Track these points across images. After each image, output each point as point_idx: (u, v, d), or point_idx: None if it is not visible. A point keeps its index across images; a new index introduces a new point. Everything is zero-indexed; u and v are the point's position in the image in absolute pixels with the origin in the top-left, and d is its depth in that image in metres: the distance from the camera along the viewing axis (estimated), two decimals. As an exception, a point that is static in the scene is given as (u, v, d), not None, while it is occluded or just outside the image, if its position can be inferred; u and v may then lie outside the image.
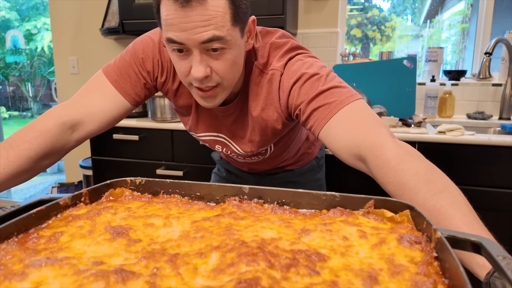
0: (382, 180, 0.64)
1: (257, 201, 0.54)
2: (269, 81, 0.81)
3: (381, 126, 0.70)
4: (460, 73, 2.02)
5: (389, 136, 0.67)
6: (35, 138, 0.74)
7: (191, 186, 0.57)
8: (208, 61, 0.71)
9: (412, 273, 0.35)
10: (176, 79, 0.86)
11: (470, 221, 0.51)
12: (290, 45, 0.82)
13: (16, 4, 5.05)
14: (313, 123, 0.75)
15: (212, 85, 0.74)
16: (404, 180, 0.59)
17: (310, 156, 1.12)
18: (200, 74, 0.70)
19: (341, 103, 0.72)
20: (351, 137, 0.69)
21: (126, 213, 0.51)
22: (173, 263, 0.38)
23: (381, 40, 4.50)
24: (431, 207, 0.54)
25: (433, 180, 0.58)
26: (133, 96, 0.84)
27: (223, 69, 0.72)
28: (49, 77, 4.92)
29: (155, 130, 1.88)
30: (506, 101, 1.89)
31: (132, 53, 0.83)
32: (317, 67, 0.78)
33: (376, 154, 0.65)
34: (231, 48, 0.71)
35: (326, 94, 0.74)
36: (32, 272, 0.35)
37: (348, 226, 0.45)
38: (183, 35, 0.67)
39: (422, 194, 0.57)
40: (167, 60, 0.84)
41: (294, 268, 0.36)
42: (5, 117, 4.94)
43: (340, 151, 0.72)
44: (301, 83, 0.77)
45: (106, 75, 0.82)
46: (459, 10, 3.38)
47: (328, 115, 0.73)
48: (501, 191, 1.42)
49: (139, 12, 2.06)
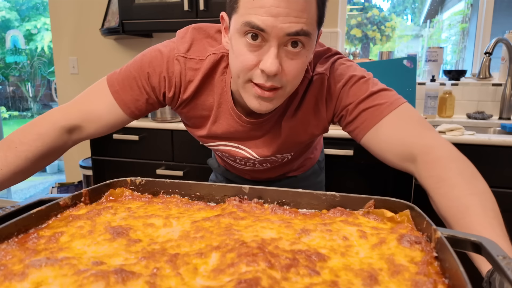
0: (425, 174, 0.66)
1: (257, 201, 0.54)
2: (315, 87, 0.78)
3: (433, 130, 0.72)
4: (460, 73, 2.02)
5: (444, 140, 0.69)
6: (33, 141, 0.75)
7: (191, 186, 0.57)
8: (281, 58, 0.65)
9: (412, 273, 0.35)
10: (187, 90, 0.80)
11: (492, 224, 0.53)
12: (331, 51, 0.82)
13: (16, 4, 5.05)
14: (359, 124, 0.75)
15: (276, 85, 0.67)
16: (446, 176, 0.62)
17: (313, 160, 1.11)
18: (274, 68, 0.63)
19: (392, 105, 0.73)
20: (404, 138, 0.70)
21: (126, 213, 0.51)
22: (173, 263, 0.38)
23: (381, 40, 4.50)
24: (461, 204, 0.57)
25: (473, 183, 0.60)
26: (132, 110, 0.81)
27: (295, 70, 0.67)
28: (49, 77, 4.92)
29: (155, 130, 1.88)
30: (506, 101, 1.89)
31: (139, 65, 0.79)
32: (361, 70, 0.79)
33: (428, 151, 0.67)
34: (308, 50, 0.67)
35: (375, 96, 0.74)
36: (32, 272, 0.35)
37: (348, 226, 0.45)
38: (270, 21, 0.61)
39: (458, 191, 0.59)
40: (175, 75, 0.79)
41: (294, 268, 0.36)
42: (5, 117, 4.94)
43: (389, 152, 0.72)
44: (350, 85, 0.76)
45: (108, 84, 0.80)
46: (459, 10, 3.38)
47: (378, 116, 0.73)
48: (501, 191, 1.41)
49: (139, 12, 2.06)
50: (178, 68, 0.78)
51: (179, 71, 0.78)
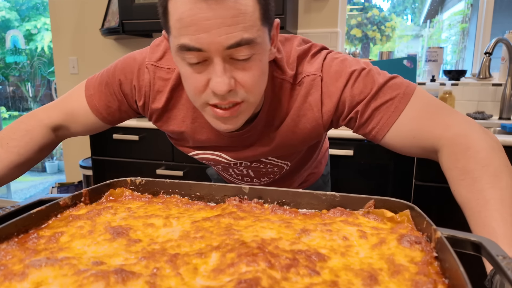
0: (450, 165, 0.61)
1: (257, 201, 0.54)
2: (306, 89, 0.71)
3: (453, 112, 0.66)
4: (460, 73, 2.02)
5: (470, 124, 0.63)
6: (22, 136, 0.76)
7: (191, 186, 0.57)
8: (232, 72, 0.59)
9: (412, 273, 0.35)
10: (157, 100, 0.76)
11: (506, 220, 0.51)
12: (316, 47, 0.75)
13: (16, 4, 5.05)
14: (375, 124, 0.68)
15: (236, 101, 0.61)
16: (470, 168, 0.58)
17: (316, 175, 1.05)
18: (224, 87, 0.57)
19: (405, 95, 0.66)
20: (428, 131, 0.65)
21: (126, 213, 0.51)
22: (173, 263, 0.38)
23: (381, 40, 4.50)
24: (480, 197, 0.55)
25: (499, 176, 0.57)
26: (104, 115, 0.79)
27: (251, 81, 0.60)
28: (49, 77, 4.92)
29: (155, 130, 1.88)
30: (506, 101, 1.89)
31: (112, 72, 0.77)
32: (357, 61, 0.72)
33: (456, 142, 0.62)
34: (261, 53, 0.60)
35: (385, 89, 0.67)
36: (32, 272, 0.35)
37: (348, 226, 0.45)
38: (204, 38, 0.55)
39: (481, 184, 0.56)
40: (144, 84, 0.75)
41: (294, 268, 0.36)
42: (5, 117, 4.94)
43: (414, 148, 0.67)
44: (352, 82, 0.69)
45: (85, 88, 0.80)
46: (459, 10, 3.38)
47: (395, 113, 0.66)
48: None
49: (139, 12, 2.06)
50: (147, 77, 0.74)
51: (148, 80, 0.74)
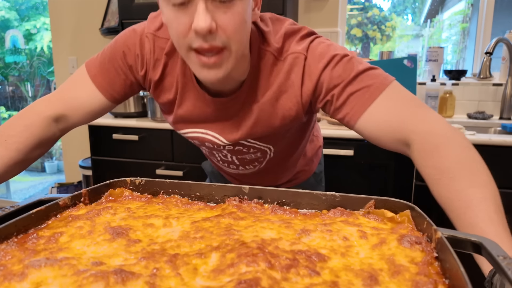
0: (423, 163, 0.62)
1: (257, 201, 0.54)
2: (289, 66, 0.73)
3: (425, 107, 0.68)
4: (461, 73, 2.02)
5: (439, 120, 0.65)
6: (21, 132, 0.74)
7: (191, 186, 0.57)
8: (213, 13, 0.60)
9: (413, 274, 0.35)
10: (157, 69, 0.78)
11: (493, 219, 0.52)
12: (306, 30, 0.77)
13: (15, 4, 5.05)
14: (349, 110, 0.70)
15: (217, 44, 0.63)
16: (445, 167, 0.59)
17: (307, 173, 1.06)
18: (204, 24, 0.59)
19: (381, 86, 0.68)
20: (398, 122, 0.67)
21: (126, 213, 0.51)
22: (173, 263, 0.37)
23: (381, 40, 4.50)
24: (462, 198, 0.55)
25: (476, 173, 0.58)
26: (111, 93, 0.80)
27: (232, 24, 0.62)
28: (48, 77, 4.91)
29: (155, 130, 1.88)
30: (507, 101, 1.89)
31: (114, 47, 0.79)
32: (343, 48, 0.74)
33: (426, 138, 0.63)
34: (243, 0, 0.62)
35: (362, 77, 0.69)
36: (31, 272, 0.35)
37: (348, 226, 0.45)
38: None
39: (459, 184, 0.57)
40: (146, 52, 0.77)
41: (294, 268, 0.36)
42: (4, 117, 4.94)
43: (383, 137, 0.69)
44: (333, 65, 0.71)
45: (87, 69, 0.80)
46: (460, 9, 3.38)
47: (368, 100, 0.68)
48: (501, 191, 1.41)
49: (139, 12, 2.06)
50: (148, 46, 0.77)
51: (149, 49, 0.77)
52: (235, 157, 0.90)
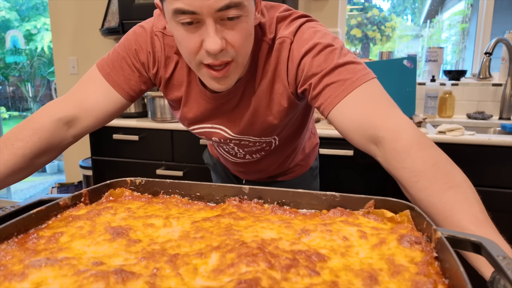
0: (397, 165, 0.62)
1: (257, 201, 0.54)
2: (277, 50, 0.75)
3: (397, 108, 0.68)
4: (460, 73, 2.02)
5: (409, 121, 0.65)
6: (30, 136, 0.73)
7: (191, 186, 0.57)
8: (222, 32, 0.64)
9: (412, 273, 0.35)
10: (168, 66, 0.80)
11: (480, 219, 0.51)
12: (296, 13, 0.77)
13: (16, 4, 5.05)
14: (323, 100, 0.70)
15: (226, 60, 0.67)
16: (422, 168, 0.58)
17: (304, 167, 1.08)
18: (216, 46, 0.63)
19: (357, 80, 0.68)
20: (368, 118, 0.66)
21: (126, 213, 0.51)
22: (173, 263, 0.38)
23: (381, 40, 4.50)
24: (445, 200, 0.55)
25: (451, 173, 0.57)
26: (127, 90, 0.80)
27: (239, 40, 0.66)
28: (49, 77, 4.91)
29: (155, 130, 1.88)
30: (506, 101, 1.89)
31: (125, 44, 0.80)
32: (331, 37, 0.73)
33: (396, 138, 0.62)
34: (247, 16, 0.65)
35: (341, 70, 0.69)
36: (32, 272, 0.35)
37: (348, 226, 0.45)
38: (196, 2, 0.60)
39: (438, 185, 0.56)
40: (157, 50, 0.79)
41: (294, 268, 0.36)
42: (5, 117, 4.94)
43: (352, 132, 0.69)
44: (314, 53, 0.71)
45: (99, 69, 0.80)
46: (459, 10, 3.38)
47: (342, 93, 0.68)
48: (501, 191, 1.41)
49: (139, 12, 2.06)
50: (158, 44, 0.78)
51: (160, 46, 0.78)
52: (241, 150, 0.92)
